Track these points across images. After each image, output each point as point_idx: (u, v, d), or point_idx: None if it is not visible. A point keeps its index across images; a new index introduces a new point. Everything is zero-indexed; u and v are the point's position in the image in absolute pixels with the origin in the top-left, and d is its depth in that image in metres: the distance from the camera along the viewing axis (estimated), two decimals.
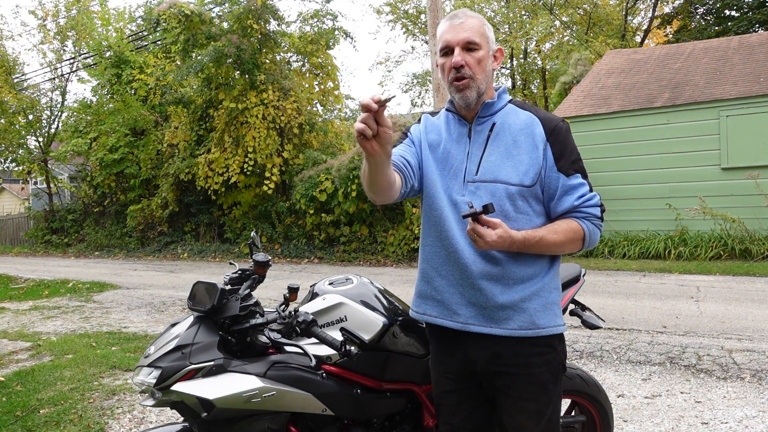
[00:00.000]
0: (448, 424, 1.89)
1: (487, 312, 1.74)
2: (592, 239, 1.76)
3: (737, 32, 18.32)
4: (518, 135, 1.75)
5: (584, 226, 1.74)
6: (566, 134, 1.75)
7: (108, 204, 19.49)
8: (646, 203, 10.84)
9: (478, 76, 1.72)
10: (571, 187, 1.72)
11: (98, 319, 7.26)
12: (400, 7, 26.46)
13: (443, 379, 1.89)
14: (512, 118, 1.78)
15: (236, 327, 1.98)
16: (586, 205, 1.74)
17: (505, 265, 1.72)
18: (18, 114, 19.92)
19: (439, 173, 1.82)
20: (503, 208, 1.71)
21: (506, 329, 1.73)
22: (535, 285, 1.74)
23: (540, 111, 1.81)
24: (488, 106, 1.79)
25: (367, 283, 2.27)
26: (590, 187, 1.76)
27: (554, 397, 1.80)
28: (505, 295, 1.72)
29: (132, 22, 20.76)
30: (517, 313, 1.72)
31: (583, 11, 23.88)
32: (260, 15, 13.89)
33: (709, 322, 5.64)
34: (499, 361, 1.76)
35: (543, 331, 1.74)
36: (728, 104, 10.24)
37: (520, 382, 1.75)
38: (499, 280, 1.72)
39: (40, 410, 3.92)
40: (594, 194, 1.75)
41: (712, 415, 3.53)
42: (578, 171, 1.74)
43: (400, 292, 8.23)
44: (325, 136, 15.38)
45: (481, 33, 1.73)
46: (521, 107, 1.82)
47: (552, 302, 1.78)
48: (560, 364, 1.81)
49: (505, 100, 1.82)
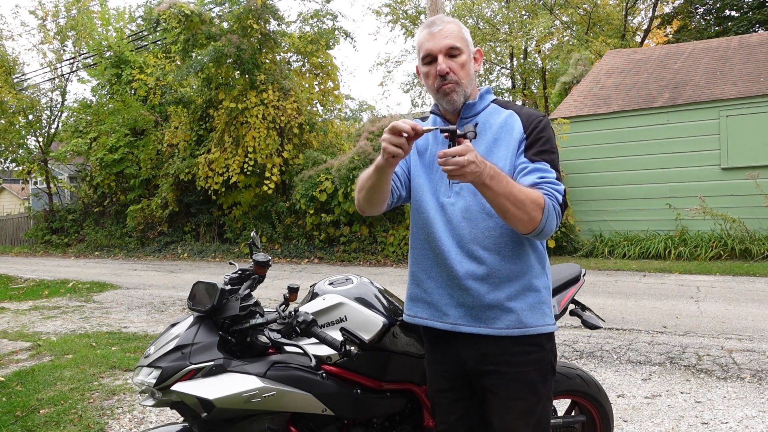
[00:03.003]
0: (444, 423, 1.90)
1: (475, 312, 1.75)
2: (549, 220, 1.61)
3: (737, 32, 18.33)
4: (498, 133, 1.76)
5: (547, 200, 1.61)
6: (544, 128, 1.73)
7: (108, 204, 19.49)
8: (646, 203, 10.85)
9: (463, 80, 1.75)
10: (535, 169, 1.67)
11: (98, 319, 7.25)
12: (399, 8, 26.46)
13: (438, 378, 1.91)
14: (494, 118, 1.79)
15: (236, 327, 1.98)
16: (548, 184, 1.65)
17: (490, 264, 1.72)
18: (18, 114, 19.92)
19: (426, 177, 1.84)
20: (485, 206, 1.70)
21: (494, 329, 1.74)
22: (520, 284, 1.74)
23: (522, 108, 1.81)
24: (470, 107, 1.80)
25: (367, 283, 2.27)
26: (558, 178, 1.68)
27: (543, 397, 1.78)
28: (491, 295, 1.73)
29: (132, 22, 20.77)
30: (505, 313, 1.73)
31: (583, 11, 23.87)
32: (260, 15, 13.89)
33: (709, 322, 5.64)
34: (486, 360, 1.76)
35: (530, 330, 1.74)
36: (728, 104, 10.24)
37: (508, 381, 1.75)
38: (484, 279, 1.73)
39: (40, 410, 3.92)
40: (559, 183, 1.67)
41: (712, 415, 3.53)
42: (545, 160, 1.69)
43: (400, 292, 8.16)
44: (325, 136, 15.38)
45: (461, 37, 1.75)
46: (503, 106, 1.82)
47: (540, 301, 1.77)
48: (549, 363, 1.79)
49: (488, 100, 1.84)
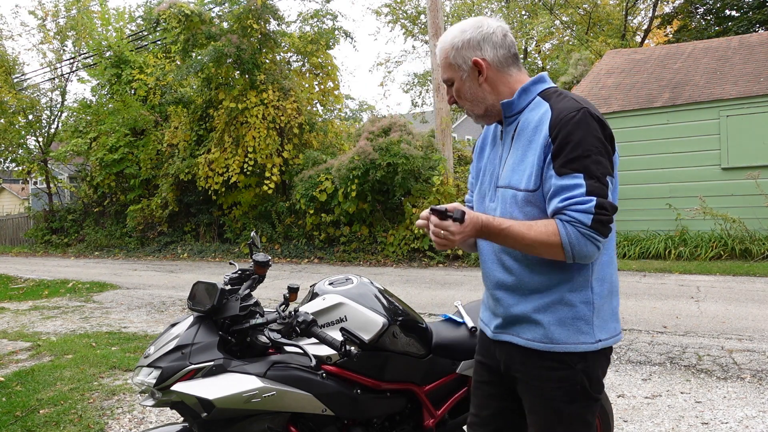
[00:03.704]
0: (476, 416, 1.86)
1: (505, 321, 1.71)
2: (575, 249, 1.50)
3: (737, 32, 18.31)
4: (532, 133, 1.61)
5: (562, 231, 1.50)
6: (573, 127, 1.52)
7: (108, 204, 19.49)
8: (646, 203, 10.84)
9: (466, 103, 1.73)
10: (560, 188, 1.52)
11: (98, 319, 7.25)
12: (398, 8, 26.45)
13: (480, 368, 1.87)
14: (533, 115, 1.63)
15: (236, 327, 1.98)
16: (571, 209, 1.50)
17: (518, 274, 1.65)
18: (18, 114, 19.92)
19: (480, 181, 1.82)
20: (512, 215, 1.62)
21: (522, 338, 1.67)
22: (551, 296, 1.62)
23: (561, 101, 1.61)
24: (508, 106, 1.68)
25: (367, 283, 2.27)
26: (591, 189, 1.49)
27: (567, 419, 1.64)
28: (518, 306, 1.66)
29: (132, 22, 20.75)
30: (532, 325, 1.64)
31: (583, 11, 23.88)
32: (260, 15, 13.89)
33: (709, 322, 5.64)
34: (514, 367, 1.71)
35: (557, 347, 1.61)
36: (728, 104, 10.24)
37: (530, 393, 1.69)
38: (513, 290, 1.67)
39: (40, 410, 3.92)
40: (588, 198, 1.49)
41: (712, 415, 3.52)
42: (575, 170, 1.51)
43: (400, 292, 8.24)
44: (325, 136, 15.38)
45: (449, 64, 1.69)
46: (546, 98, 1.64)
47: (575, 317, 1.61)
48: (578, 384, 1.62)
49: (534, 93, 1.67)
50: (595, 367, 1.65)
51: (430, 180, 11.63)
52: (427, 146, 12.25)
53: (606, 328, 1.64)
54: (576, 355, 1.62)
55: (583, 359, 1.62)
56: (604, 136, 1.55)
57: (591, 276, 1.62)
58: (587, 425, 1.68)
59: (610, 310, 1.67)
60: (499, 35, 1.67)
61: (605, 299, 1.65)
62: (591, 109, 1.57)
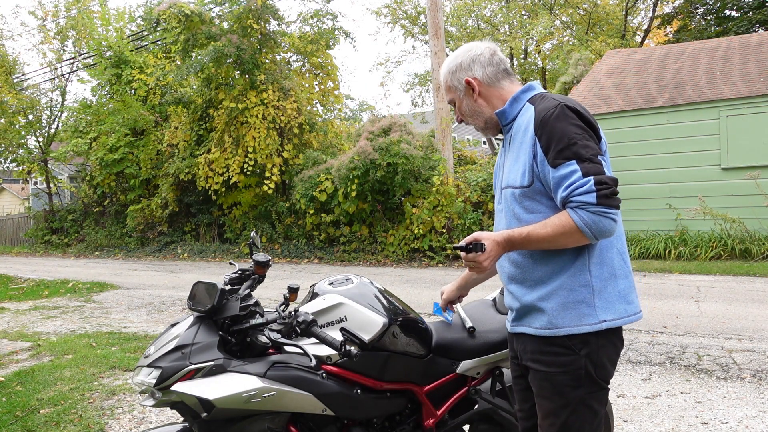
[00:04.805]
0: (522, 411, 1.98)
1: (518, 313, 1.84)
2: (593, 228, 1.60)
3: (737, 32, 18.32)
4: (523, 135, 1.75)
5: (575, 217, 1.61)
6: (554, 122, 1.65)
7: (108, 204, 19.49)
8: (646, 203, 10.84)
9: (468, 120, 1.94)
10: (560, 178, 1.64)
11: (98, 319, 7.25)
12: (398, 8, 26.46)
13: (512, 363, 1.99)
14: (523, 119, 1.78)
15: (236, 327, 1.99)
16: (575, 194, 1.61)
17: (524, 266, 1.79)
18: (18, 114, 19.92)
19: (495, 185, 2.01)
20: (514, 211, 1.78)
21: (532, 328, 1.78)
22: (551, 285, 1.73)
23: (542, 101, 1.74)
24: (502, 115, 1.85)
25: (367, 283, 2.27)
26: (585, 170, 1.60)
27: (573, 402, 1.72)
28: (526, 297, 1.78)
29: (132, 22, 20.74)
30: (539, 313, 1.76)
31: (583, 11, 23.88)
32: (260, 15, 13.89)
33: (709, 322, 5.64)
34: (526, 356, 1.83)
35: (560, 331, 1.71)
36: (728, 104, 10.24)
37: (539, 379, 1.79)
38: (522, 282, 1.80)
39: (40, 410, 3.92)
40: (586, 179, 1.59)
41: (712, 415, 3.53)
42: (567, 158, 1.62)
43: (400, 292, 8.24)
44: (325, 136, 15.38)
45: (448, 87, 1.92)
46: (532, 103, 1.78)
47: (576, 300, 1.70)
48: (582, 369, 1.71)
49: (523, 101, 1.81)
50: (599, 353, 1.72)
51: (430, 180, 11.62)
52: (427, 146, 12.24)
53: (612, 309, 1.71)
54: (577, 338, 1.70)
55: (584, 343, 1.70)
56: (583, 122, 1.67)
57: (588, 260, 1.71)
58: (593, 413, 1.74)
59: (616, 292, 1.73)
60: (486, 55, 1.87)
61: (607, 281, 1.72)
62: (568, 102, 1.70)
